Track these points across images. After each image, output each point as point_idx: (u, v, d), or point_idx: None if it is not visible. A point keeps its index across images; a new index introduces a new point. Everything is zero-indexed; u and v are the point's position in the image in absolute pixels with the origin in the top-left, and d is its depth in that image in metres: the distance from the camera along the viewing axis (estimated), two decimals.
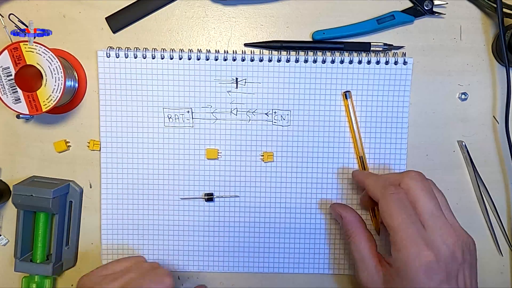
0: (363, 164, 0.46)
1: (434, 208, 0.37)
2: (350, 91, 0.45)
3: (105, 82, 0.45)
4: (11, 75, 0.40)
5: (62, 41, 0.45)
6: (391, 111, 0.46)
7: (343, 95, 0.45)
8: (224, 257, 0.47)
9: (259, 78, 0.45)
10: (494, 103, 0.47)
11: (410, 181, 0.38)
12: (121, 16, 0.45)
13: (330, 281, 0.48)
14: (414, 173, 0.39)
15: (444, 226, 0.36)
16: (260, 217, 0.47)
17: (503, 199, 0.48)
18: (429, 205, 0.37)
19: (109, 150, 0.46)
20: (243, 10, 0.46)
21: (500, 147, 0.47)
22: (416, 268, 0.35)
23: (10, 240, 0.47)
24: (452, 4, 0.46)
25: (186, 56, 0.45)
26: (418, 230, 0.36)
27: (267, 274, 0.48)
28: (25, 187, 0.43)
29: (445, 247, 0.35)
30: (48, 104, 0.41)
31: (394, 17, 0.45)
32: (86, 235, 0.47)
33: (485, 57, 0.47)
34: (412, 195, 0.38)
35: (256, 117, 0.46)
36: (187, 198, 0.47)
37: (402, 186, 0.38)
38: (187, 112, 0.46)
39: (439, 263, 0.35)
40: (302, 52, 0.45)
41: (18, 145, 0.46)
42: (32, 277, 0.46)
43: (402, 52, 0.45)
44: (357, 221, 0.42)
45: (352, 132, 0.46)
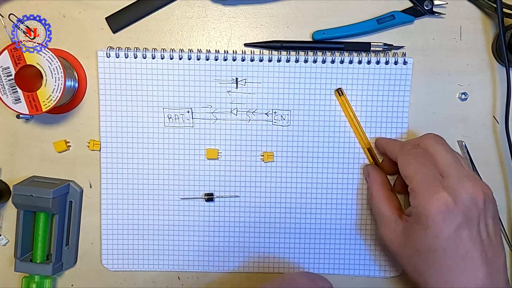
0: (372, 155, 0.46)
1: (453, 160, 0.37)
2: (341, 88, 0.45)
3: (105, 82, 0.45)
4: (11, 75, 0.40)
5: (62, 41, 0.45)
6: (391, 111, 0.46)
7: (336, 93, 0.45)
8: (224, 257, 0.47)
9: (259, 78, 0.45)
10: (494, 103, 0.47)
11: (428, 140, 0.39)
12: (121, 16, 0.45)
13: (330, 281, 0.48)
14: (432, 134, 0.40)
15: (463, 175, 0.36)
16: (260, 217, 0.47)
17: (503, 199, 0.48)
18: (448, 157, 0.37)
19: (109, 150, 0.46)
20: (243, 10, 0.46)
21: (500, 147, 0.47)
22: (433, 211, 0.35)
23: (10, 240, 0.47)
24: (452, 4, 0.46)
25: (186, 56, 0.45)
26: (434, 175, 0.36)
27: (267, 274, 0.48)
28: (25, 187, 0.43)
29: (464, 192, 0.35)
30: (48, 104, 0.41)
31: (394, 17, 0.45)
32: (86, 235, 0.47)
33: (485, 57, 0.47)
34: (431, 151, 0.38)
35: (256, 117, 0.46)
36: (187, 198, 0.47)
37: (421, 145, 0.39)
38: (187, 112, 0.46)
39: (457, 206, 0.35)
40: (302, 52, 0.45)
41: (18, 145, 0.46)
42: (32, 277, 0.46)
43: (402, 52, 0.45)
44: (381, 181, 0.43)
45: (354, 126, 0.46)
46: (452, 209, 0.35)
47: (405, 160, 0.39)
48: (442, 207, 0.35)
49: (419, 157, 0.38)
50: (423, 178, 0.36)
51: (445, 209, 0.35)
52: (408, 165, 0.38)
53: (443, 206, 0.35)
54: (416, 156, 0.38)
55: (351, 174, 0.46)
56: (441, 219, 0.35)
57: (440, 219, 0.35)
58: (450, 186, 0.35)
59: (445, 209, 0.35)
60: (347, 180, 0.47)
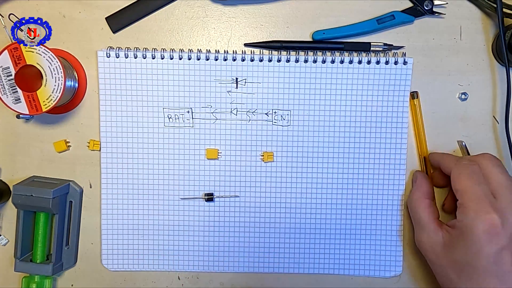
0: (425, 164, 0.46)
1: (508, 183, 0.38)
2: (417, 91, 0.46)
3: (105, 82, 0.45)
4: (11, 75, 0.40)
5: (62, 41, 0.45)
6: (391, 111, 0.46)
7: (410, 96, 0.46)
8: (224, 257, 0.47)
9: (259, 78, 0.45)
10: (494, 103, 0.47)
11: (485, 159, 0.39)
12: (121, 16, 0.45)
13: (330, 281, 0.48)
14: (490, 154, 0.40)
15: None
16: (260, 217, 0.47)
17: None
18: (503, 178, 0.38)
19: (109, 150, 0.46)
20: (243, 10, 0.46)
21: (500, 147, 0.47)
22: (480, 229, 0.35)
23: (10, 240, 0.47)
24: (452, 4, 0.46)
25: (186, 56, 0.45)
26: (486, 194, 0.37)
27: (267, 274, 0.48)
28: (25, 187, 0.43)
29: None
30: (48, 104, 0.41)
31: (394, 17, 0.45)
32: (86, 235, 0.47)
33: (485, 57, 0.47)
34: (487, 170, 0.39)
35: (256, 117, 0.46)
36: (187, 198, 0.47)
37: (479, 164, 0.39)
38: (187, 112, 0.46)
39: (504, 229, 0.35)
40: (302, 52, 0.45)
41: (18, 145, 0.46)
42: (32, 277, 0.46)
43: (402, 52, 0.45)
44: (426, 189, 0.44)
45: (417, 131, 0.46)
46: (499, 231, 0.35)
47: (459, 174, 0.39)
48: (490, 227, 0.35)
49: (474, 174, 0.39)
50: (475, 195, 0.37)
51: (492, 229, 0.35)
52: (461, 180, 0.39)
53: (490, 226, 0.35)
54: (471, 172, 0.39)
55: (351, 174, 0.46)
56: (486, 238, 0.35)
57: (485, 238, 0.35)
58: (501, 207, 0.36)
59: (492, 230, 0.35)
60: (347, 180, 0.47)
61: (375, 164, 0.46)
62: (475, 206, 0.37)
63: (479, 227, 0.36)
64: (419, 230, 0.43)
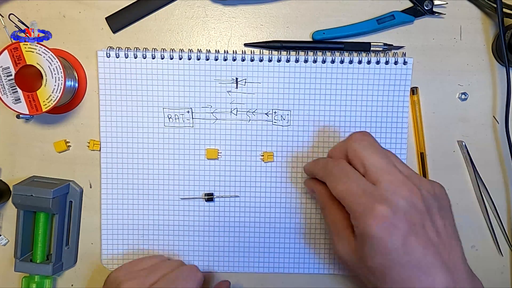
0: (423, 161, 0.46)
1: (383, 163, 0.35)
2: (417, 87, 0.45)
3: (105, 82, 0.45)
4: (11, 75, 0.40)
5: (62, 41, 0.45)
6: (391, 111, 0.46)
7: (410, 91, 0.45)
8: (224, 257, 0.47)
9: (259, 78, 0.45)
10: (494, 103, 0.47)
11: (354, 143, 0.36)
12: (121, 16, 0.45)
13: (330, 281, 0.48)
14: (357, 134, 0.37)
15: (397, 180, 0.34)
16: (260, 217, 0.47)
17: (503, 199, 0.48)
18: (377, 161, 0.35)
19: (109, 150, 0.46)
20: (243, 10, 0.46)
21: (500, 147, 0.47)
22: (374, 229, 0.32)
23: (10, 240, 0.47)
24: (452, 4, 0.46)
25: (186, 56, 0.45)
26: (365, 189, 0.34)
27: (267, 274, 0.48)
28: (25, 187, 0.43)
29: (400, 198, 0.33)
30: (48, 104, 0.41)
31: (394, 17, 0.45)
32: (86, 235, 0.47)
33: (485, 57, 0.47)
34: (359, 156, 0.35)
35: (256, 117, 0.46)
36: (187, 198, 0.47)
37: (348, 152, 0.36)
38: (187, 112, 0.46)
39: (397, 216, 0.32)
40: (302, 52, 0.45)
41: (18, 145, 0.46)
42: (32, 277, 0.46)
43: (402, 52, 0.45)
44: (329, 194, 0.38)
45: (415, 128, 0.46)
46: (393, 221, 0.32)
47: (332, 180, 0.36)
48: (382, 222, 0.32)
49: (345, 172, 0.35)
50: (353, 196, 0.34)
51: (385, 223, 0.32)
52: (336, 185, 0.35)
53: (382, 220, 0.32)
54: (339, 171, 0.36)
55: None
56: (385, 234, 0.32)
57: (384, 235, 0.32)
58: (384, 195, 0.33)
59: (386, 223, 0.32)
60: None
61: None
62: (358, 207, 0.33)
63: (372, 226, 0.32)
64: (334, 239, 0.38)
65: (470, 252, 0.48)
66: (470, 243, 0.48)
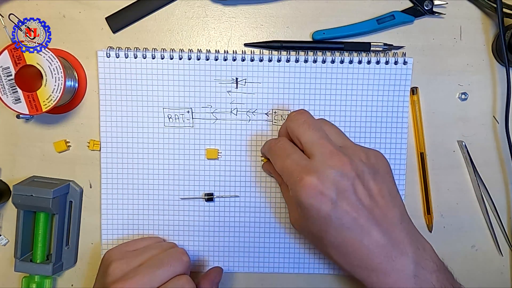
0: (423, 161, 0.46)
1: (316, 137, 0.37)
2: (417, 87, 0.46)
3: (105, 82, 0.45)
4: (11, 75, 0.40)
5: (62, 41, 0.45)
6: (391, 111, 0.46)
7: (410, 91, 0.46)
8: (224, 257, 0.47)
9: (259, 78, 0.45)
10: (494, 103, 0.47)
11: (290, 123, 0.39)
12: (121, 16, 0.45)
13: (330, 281, 0.48)
14: (293, 113, 0.40)
15: (328, 151, 0.36)
16: (260, 217, 0.47)
17: (503, 199, 0.48)
18: (311, 135, 0.37)
19: (109, 150, 0.46)
20: (243, 10, 0.46)
21: (500, 147, 0.47)
22: (304, 198, 0.35)
23: (10, 240, 0.47)
24: (452, 4, 0.46)
25: (186, 56, 0.45)
26: (298, 162, 0.37)
27: (267, 274, 0.48)
28: (25, 187, 0.43)
29: (329, 168, 0.35)
30: (48, 104, 0.41)
31: (394, 17, 0.45)
32: (86, 235, 0.47)
33: (485, 57, 0.47)
34: (296, 134, 0.38)
35: (256, 117, 0.46)
36: (187, 198, 0.47)
37: (288, 131, 0.39)
38: (187, 112, 0.46)
39: (325, 184, 0.35)
40: (302, 52, 0.45)
41: (18, 145, 0.46)
42: (32, 277, 0.46)
43: (402, 52, 0.45)
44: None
45: (415, 128, 0.46)
46: (321, 189, 0.35)
47: (272, 159, 0.40)
48: (311, 191, 0.35)
49: (283, 149, 0.39)
50: (289, 169, 0.37)
51: (314, 192, 0.35)
52: (276, 162, 0.39)
53: (311, 190, 0.35)
54: (280, 149, 0.39)
55: None
56: (314, 202, 0.35)
57: (313, 202, 0.35)
58: (315, 167, 0.35)
59: (314, 192, 0.35)
60: None
61: None
62: (292, 178, 0.36)
63: (303, 196, 0.35)
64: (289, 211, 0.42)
65: (470, 252, 0.48)
66: (470, 243, 0.48)
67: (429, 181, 0.47)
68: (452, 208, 0.48)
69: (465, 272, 0.48)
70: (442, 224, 0.48)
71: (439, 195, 0.47)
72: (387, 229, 0.36)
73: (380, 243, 0.35)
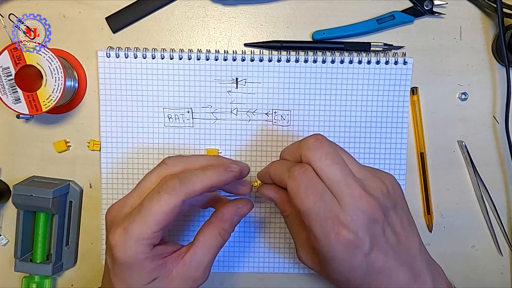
0: (423, 161, 0.46)
1: (340, 175, 0.33)
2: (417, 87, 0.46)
3: (105, 82, 0.45)
4: (11, 75, 0.40)
5: (62, 41, 0.45)
6: (391, 111, 0.46)
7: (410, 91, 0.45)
8: (224, 257, 0.47)
9: (259, 78, 0.45)
10: (494, 103, 0.47)
11: (308, 152, 0.34)
12: (121, 16, 0.45)
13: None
14: (311, 141, 0.35)
15: (357, 194, 0.33)
16: (260, 217, 0.47)
17: (503, 199, 0.48)
18: (335, 173, 0.33)
19: (109, 150, 0.46)
20: (243, 10, 0.46)
21: (500, 147, 0.47)
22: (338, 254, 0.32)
23: (10, 240, 0.47)
24: (452, 4, 0.46)
25: (186, 56, 0.45)
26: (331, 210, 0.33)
27: (267, 274, 0.48)
28: (25, 187, 0.43)
29: (363, 215, 0.32)
30: (48, 104, 0.41)
31: (394, 17, 0.45)
32: (86, 235, 0.47)
33: (485, 57, 0.47)
34: (315, 168, 0.34)
35: (256, 117, 0.46)
36: None
37: (303, 160, 0.35)
38: (187, 112, 0.46)
39: (360, 236, 0.32)
40: (302, 52, 0.45)
41: (18, 145, 0.46)
42: (32, 277, 0.46)
43: (402, 52, 0.45)
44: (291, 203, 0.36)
45: (415, 127, 0.46)
46: (358, 244, 0.32)
47: (296, 190, 0.34)
48: (347, 247, 0.32)
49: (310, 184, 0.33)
50: (319, 215, 0.33)
51: (350, 247, 0.32)
52: (301, 197, 0.33)
53: (347, 245, 0.32)
54: (307, 182, 0.33)
55: None
56: (348, 256, 0.33)
57: (347, 257, 0.33)
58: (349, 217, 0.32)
59: (350, 248, 0.32)
60: None
61: (375, 164, 0.46)
62: (321, 228, 0.33)
63: (338, 251, 0.32)
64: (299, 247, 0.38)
65: (470, 252, 0.48)
66: (470, 243, 0.48)
67: (429, 181, 0.47)
68: (452, 208, 0.48)
69: (465, 272, 0.48)
70: (442, 224, 0.48)
71: (439, 195, 0.47)
72: (411, 264, 0.35)
73: (405, 280, 0.34)
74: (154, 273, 0.34)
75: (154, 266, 0.34)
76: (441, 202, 0.47)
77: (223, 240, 0.37)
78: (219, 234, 0.37)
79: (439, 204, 0.47)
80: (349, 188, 0.33)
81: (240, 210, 0.38)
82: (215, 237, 0.37)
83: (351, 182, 0.33)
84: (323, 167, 0.34)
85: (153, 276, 0.34)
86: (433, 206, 0.47)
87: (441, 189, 0.47)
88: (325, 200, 0.33)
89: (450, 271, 0.48)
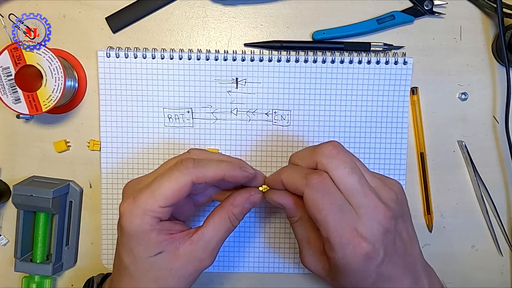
0: (423, 161, 0.46)
1: (358, 185, 0.33)
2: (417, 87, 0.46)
3: (105, 82, 0.45)
4: (11, 75, 0.40)
5: (62, 41, 0.45)
6: (391, 111, 0.46)
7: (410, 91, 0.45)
8: (224, 257, 0.47)
9: (259, 78, 0.45)
10: (494, 103, 0.47)
11: (325, 160, 0.34)
12: (121, 16, 0.45)
13: None
14: (329, 148, 0.34)
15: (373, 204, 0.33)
16: (260, 217, 0.47)
17: (503, 199, 0.48)
18: (352, 182, 0.33)
19: (109, 150, 0.46)
20: (243, 10, 0.46)
21: (500, 147, 0.47)
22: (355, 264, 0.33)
23: (10, 240, 0.47)
24: (452, 4, 0.46)
25: (186, 56, 0.45)
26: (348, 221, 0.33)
27: (267, 274, 0.48)
28: (25, 187, 0.43)
29: (378, 227, 0.33)
30: (48, 104, 0.41)
31: (394, 17, 0.45)
32: (86, 235, 0.47)
33: (485, 57, 0.47)
34: (333, 176, 0.33)
35: (256, 117, 0.46)
36: None
37: (319, 167, 0.34)
38: (187, 112, 0.46)
39: (375, 247, 0.33)
40: (302, 52, 0.45)
41: (18, 145, 0.46)
42: (32, 277, 0.46)
43: (402, 52, 0.46)
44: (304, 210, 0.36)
45: (415, 127, 0.46)
46: (373, 255, 0.33)
47: (314, 200, 0.33)
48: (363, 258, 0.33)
49: (329, 193, 0.33)
50: (337, 225, 0.33)
51: (366, 258, 0.33)
52: (319, 207, 0.33)
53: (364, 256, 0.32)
54: (325, 191, 0.33)
55: None
56: (362, 266, 0.33)
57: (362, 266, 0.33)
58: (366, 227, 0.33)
59: (366, 258, 0.33)
60: None
61: (375, 164, 0.46)
62: (340, 241, 0.33)
63: (354, 261, 0.33)
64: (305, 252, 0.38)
65: (470, 252, 0.48)
66: (470, 243, 0.48)
67: (429, 181, 0.47)
68: (452, 208, 0.48)
69: (465, 272, 0.48)
70: (442, 224, 0.48)
71: (439, 195, 0.47)
72: (413, 270, 0.36)
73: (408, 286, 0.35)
74: (159, 246, 0.34)
75: (159, 240, 0.34)
76: (441, 202, 0.47)
77: (232, 225, 0.37)
78: (228, 218, 0.37)
79: (439, 204, 0.47)
80: (366, 198, 0.33)
81: (252, 198, 0.37)
82: (225, 220, 0.37)
83: (368, 192, 0.33)
84: (341, 176, 0.33)
85: (158, 249, 0.34)
86: (433, 206, 0.47)
87: (441, 189, 0.47)
88: (343, 210, 0.33)
89: (450, 271, 0.48)
